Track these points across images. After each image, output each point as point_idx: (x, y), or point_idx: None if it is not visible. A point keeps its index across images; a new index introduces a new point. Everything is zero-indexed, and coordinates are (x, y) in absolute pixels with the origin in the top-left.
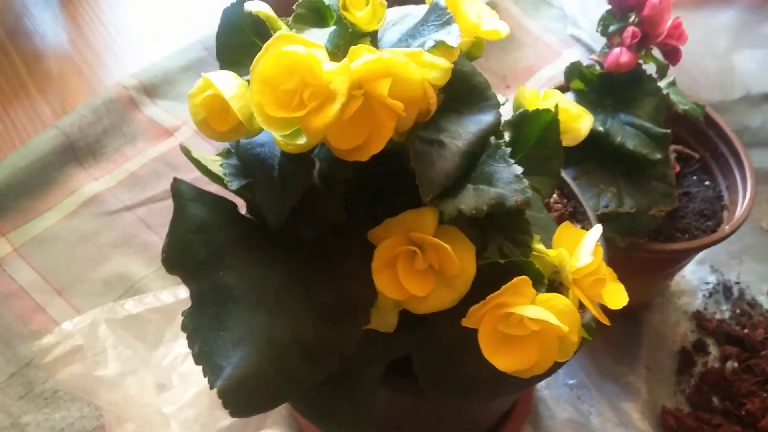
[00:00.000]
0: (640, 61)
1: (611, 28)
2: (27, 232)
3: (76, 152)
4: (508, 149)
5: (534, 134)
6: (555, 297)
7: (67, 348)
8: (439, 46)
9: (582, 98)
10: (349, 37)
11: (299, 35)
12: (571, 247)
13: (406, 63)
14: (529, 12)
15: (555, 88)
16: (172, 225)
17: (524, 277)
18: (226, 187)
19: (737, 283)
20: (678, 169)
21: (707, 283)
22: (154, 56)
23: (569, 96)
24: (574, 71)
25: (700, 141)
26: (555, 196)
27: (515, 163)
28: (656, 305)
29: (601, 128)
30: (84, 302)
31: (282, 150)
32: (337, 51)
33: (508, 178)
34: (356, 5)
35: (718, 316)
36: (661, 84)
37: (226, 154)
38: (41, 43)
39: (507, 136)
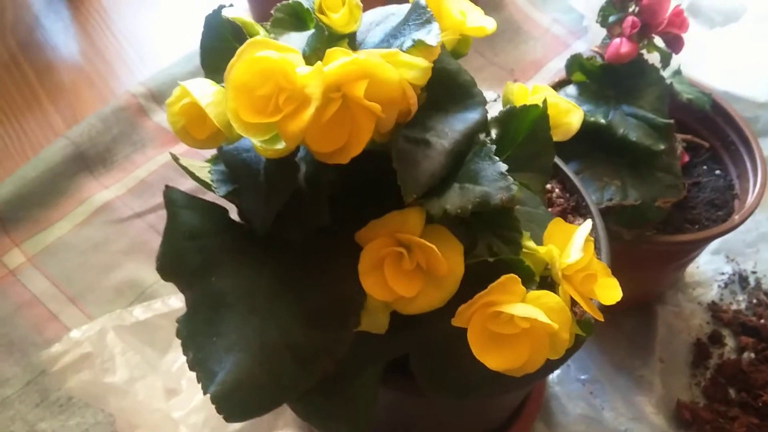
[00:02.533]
0: (642, 51)
1: (611, 19)
2: (40, 241)
3: (87, 161)
4: (493, 147)
5: (522, 130)
6: (545, 294)
7: (75, 356)
8: (418, 46)
9: (584, 90)
10: (326, 40)
11: (274, 40)
12: (562, 243)
13: (381, 64)
14: (538, 4)
15: (558, 81)
16: (165, 233)
17: (512, 275)
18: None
19: (753, 272)
20: (687, 158)
21: (722, 274)
22: (163, 64)
23: (571, 89)
24: (575, 63)
25: (709, 130)
26: (557, 190)
27: (502, 160)
28: (670, 297)
29: (603, 120)
30: (96, 309)
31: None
32: (316, 54)
33: (493, 176)
34: (332, 8)
35: (734, 307)
36: (666, 73)
37: (213, 160)
38: (53, 54)
39: (494, 133)
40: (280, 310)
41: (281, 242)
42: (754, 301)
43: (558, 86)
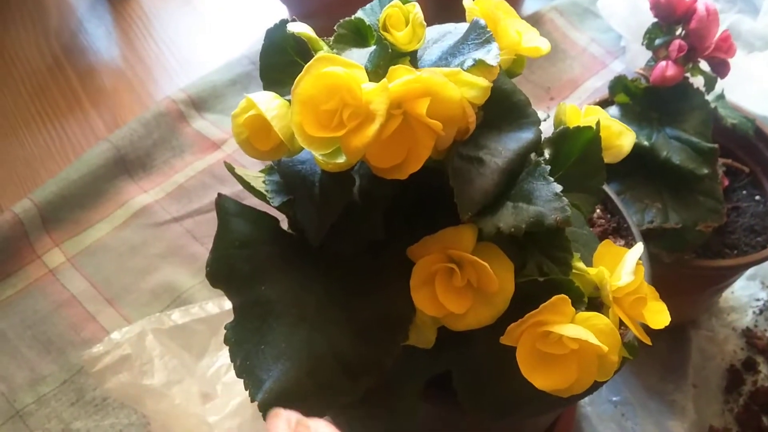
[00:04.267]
0: (687, 75)
1: (657, 41)
2: (79, 242)
3: (127, 165)
4: (548, 167)
5: (575, 151)
6: (594, 316)
7: (115, 357)
8: (479, 65)
9: (627, 112)
10: (389, 57)
11: (339, 56)
12: (611, 265)
13: (444, 82)
14: (575, 23)
15: (599, 101)
16: (216, 240)
17: (563, 295)
18: (268, 202)
19: None
20: (727, 183)
21: (758, 300)
22: (203, 71)
23: (613, 110)
24: (618, 85)
25: (750, 155)
26: (598, 211)
27: (555, 180)
28: (704, 322)
29: (646, 142)
30: (133, 312)
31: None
32: (378, 71)
33: (548, 196)
34: (396, 26)
35: None
36: (709, 97)
37: (268, 170)
38: (95, 58)
39: (547, 154)
40: (329, 321)
41: (331, 254)
42: None
43: (600, 106)
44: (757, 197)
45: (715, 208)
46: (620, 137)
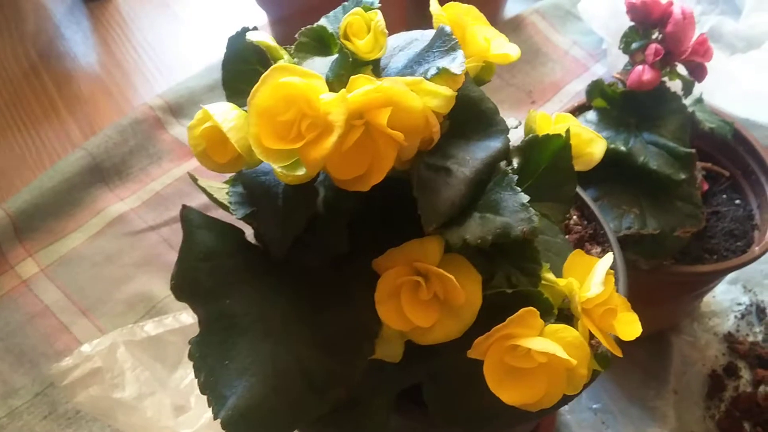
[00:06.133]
0: (665, 79)
1: (633, 45)
2: (53, 252)
3: (103, 173)
4: (515, 176)
5: (544, 160)
6: (563, 328)
7: (85, 371)
8: (442, 74)
9: (604, 117)
10: (350, 66)
11: (298, 65)
12: (582, 275)
13: (405, 92)
14: (557, 26)
15: (578, 105)
16: (181, 252)
17: (531, 308)
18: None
19: None
20: (707, 187)
21: (739, 304)
22: (182, 77)
23: (591, 114)
24: (596, 89)
25: (730, 158)
26: (575, 218)
27: (523, 190)
28: (685, 327)
29: (623, 148)
30: (107, 322)
31: None
32: (340, 80)
33: (514, 207)
34: (358, 34)
35: (750, 339)
36: (687, 101)
37: (232, 181)
38: (72, 64)
39: (516, 162)
40: (294, 335)
41: (297, 266)
42: None
43: (578, 111)
44: (737, 201)
45: (693, 213)
46: (591, 145)
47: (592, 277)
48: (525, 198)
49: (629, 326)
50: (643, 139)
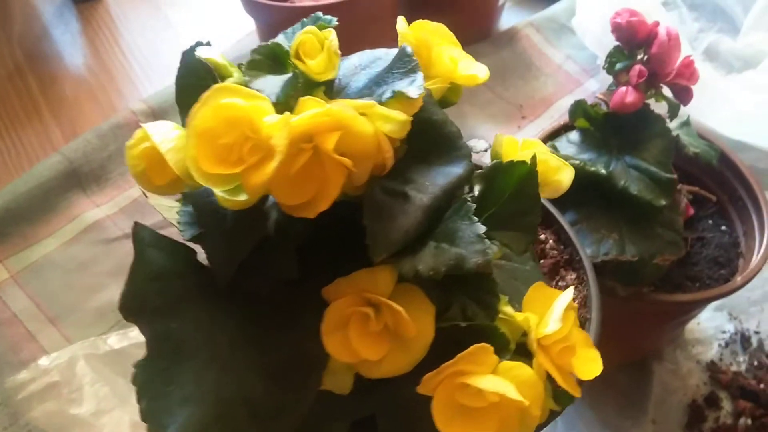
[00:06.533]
0: (651, 101)
1: (618, 66)
2: (25, 258)
3: (80, 178)
4: (473, 205)
5: (508, 187)
6: (518, 366)
7: (42, 385)
8: (398, 97)
9: (587, 138)
10: (303, 87)
11: (243, 85)
12: (543, 309)
13: (354, 116)
14: (551, 40)
15: (562, 124)
16: (131, 271)
17: (483, 344)
18: None
19: (757, 332)
20: (693, 212)
21: (724, 332)
22: (169, 81)
23: (574, 135)
24: (578, 109)
25: (718, 183)
26: (551, 242)
27: (485, 218)
28: (667, 353)
29: (603, 171)
30: (76, 332)
31: None
32: (290, 102)
33: (470, 237)
34: (310, 53)
35: (733, 368)
36: (673, 124)
37: (183, 200)
38: (58, 66)
39: (477, 189)
40: (241, 362)
41: (249, 290)
42: (755, 363)
43: (562, 130)
44: (723, 228)
45: (674, 240)
46: (558, 172)
47: (551, 313)
48: (481, 228)
49: (589, 364)
50: (624, 162)
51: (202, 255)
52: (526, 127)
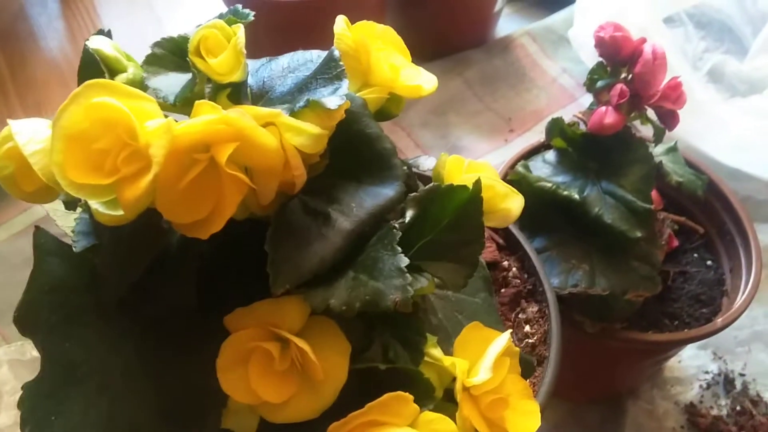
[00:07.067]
0: (635, 123)
1: (599, 84)
2: None
3: None
4: (398, 233)
5: (446, 214)
6: (439, 419)
7: None
8: (313, 107)
9: (563, 158)
10: (211, 89)
11: (125, 84)
12: (477, 353)
13: (253, 126)
14: (548, 51)
15: (540, 143)
16: (29, 281)
17: (399, 393)
18: None
19: (742, 374)
20: (677, 243)
21: (707, 372)
22: None
23: (550, 155)
24: (555, 128)
25: (706, 214)
26: (515, 269)
27: (419, 247)
28: (644, 392)
29: (577, 196)
30: (15, 333)
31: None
32: (187, 105)
33: (391, 271)
34: (213, 51)
35: (714, 412)
36: (659, 149)
37: (83, 207)
38: (31, 47)
39: (409, 215)
40: (134, 395)
41: (147, 314)
42: (738, 408)
43: (540, 149)
44: (709, 262)
45: (649, 275)
46: (506, 200)
47: (483, 359)
48: (404, 261)
49: (526, 418)
50: (601, 187)
51: None
52: (514, 140)
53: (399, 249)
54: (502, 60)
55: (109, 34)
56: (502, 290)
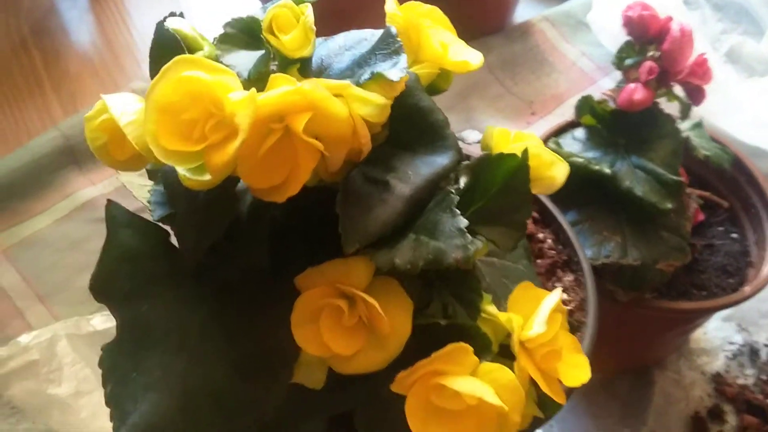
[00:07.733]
0: (661, 99)
1: (627, 62)
2: (16, 234)
3: (76, 155)
4: (456, 197)
5: (496, 181)
6: (498, 369)
7: (21, 362)
8: (377, 79)
9: (593, 135)
10: (278, 65)
11: (208, 59)
12: (529, 310)
13: (326, 97)
14: (567, 35)
15: (570, 121)
16: (102, 252)
17: (461, 344)
18: None
19: (766, 345)
20: (703, 218)
21: (732, 343)
22: None
23: (580, 132)
24: (585, 105)
25: (730, 189)
26: (549, 241)
27: (471, 213)
28: (671, 362)
29: (608, 170)
30: (64, 310)
31: None
32: (262, 79)
33: (451, 232)
34: (284, 28)
35: (740, 381)
36: (685, 125)
37: (156, 179)
38: (63, 41)
39: (463, 182)
40: (210, 353)
41: (220, 277)
42: (764, 377)
43: (568, 127)
44: (734, 235)
45: (679, 246)
46: (552, 168)
47: (536, 315)
48: (463, 222)
49: (576, 370)
50: (631, 162)
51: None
52: (536, 123)
53: (458, 211)
54: (521, 45)
55: (182, 15)
56: (538, 261)
